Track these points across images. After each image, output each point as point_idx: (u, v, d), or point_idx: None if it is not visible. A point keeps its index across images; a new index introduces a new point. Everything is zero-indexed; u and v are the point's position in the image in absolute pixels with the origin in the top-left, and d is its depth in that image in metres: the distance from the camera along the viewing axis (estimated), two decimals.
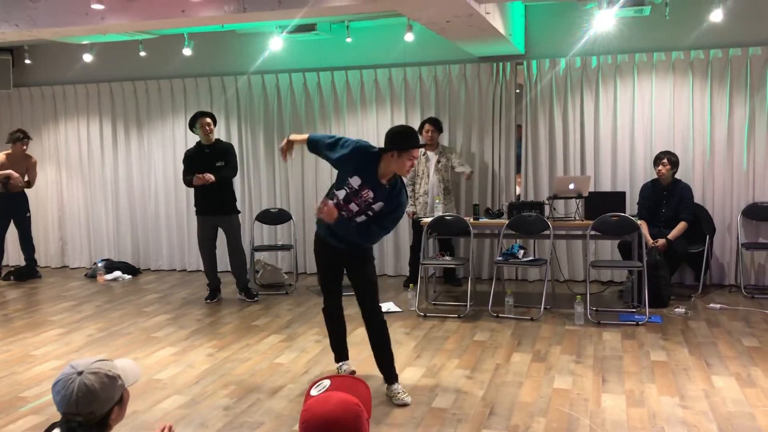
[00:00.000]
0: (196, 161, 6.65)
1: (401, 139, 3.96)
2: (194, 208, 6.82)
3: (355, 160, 4.02)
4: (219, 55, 8.22)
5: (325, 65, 7.89)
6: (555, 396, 4.17)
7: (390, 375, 4.25)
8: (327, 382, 1.77)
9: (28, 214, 8.29)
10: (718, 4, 6.07)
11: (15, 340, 5.72)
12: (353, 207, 4.08)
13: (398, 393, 4.17)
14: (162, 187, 8.52)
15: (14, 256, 8.84)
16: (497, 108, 7.41)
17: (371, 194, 4.03)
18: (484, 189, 7.53)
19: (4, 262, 8.31)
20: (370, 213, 4.09)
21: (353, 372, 4.62)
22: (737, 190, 6.87)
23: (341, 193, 4.08)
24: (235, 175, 6.83)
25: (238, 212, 6.92)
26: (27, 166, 8.12)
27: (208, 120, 6.61)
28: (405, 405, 4.10)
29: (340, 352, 4.61)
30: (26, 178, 8.11)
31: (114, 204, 8.73)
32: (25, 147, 7.99)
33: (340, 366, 4.59)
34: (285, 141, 4.35)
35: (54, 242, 9.03)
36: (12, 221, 8.15)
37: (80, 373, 1.87)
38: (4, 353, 5.38)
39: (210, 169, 6.57)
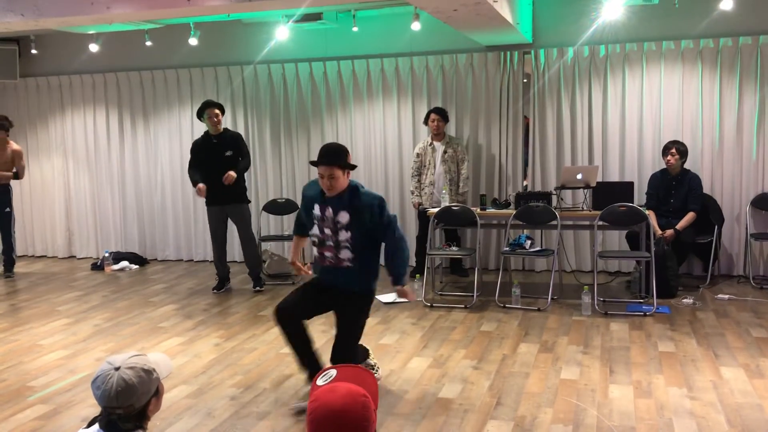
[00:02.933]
0: (204, 152, 6.63)
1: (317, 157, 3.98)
2: (203, 199, 6.79)
3: (308, 195, 4.14)
4: (225, 44, 8.20)
5: (331, 55, 7.86)
6: (562, 387, 4.16)
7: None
8: (333, 372, 1.76)
9: (8, 209, 7.80)
10: None
11: (22, 330, 5.74)
12: (327, 231, 4.01)
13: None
14: (168, 177, 8.52)
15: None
16: (504, 97, 7.37)
17: (330, 210, 3.99)
18: (491, 179, 7.50)
19: None
20: (343, 229, 3.97)
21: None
22: (746, 180, 6.82)
23: (315, 230, 4.06)
24: (249, 164, 6.83)
25: (249, 201, 6.90)
26: (11, 155, 7.73)
27: (216, 110, 6.58)
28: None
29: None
30: (14, 169, 7.75)
31: (121, 194, 8.74)
32: (5, 135, 7.65)
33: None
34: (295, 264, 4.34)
35: (61, 232, 9.05)
36: None
37: (117, 369, 1.95)
38: (11, 343, 5.40)
39: (218, 159, 6.56)
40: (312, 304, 4.13)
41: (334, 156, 3.93)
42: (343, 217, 3.98)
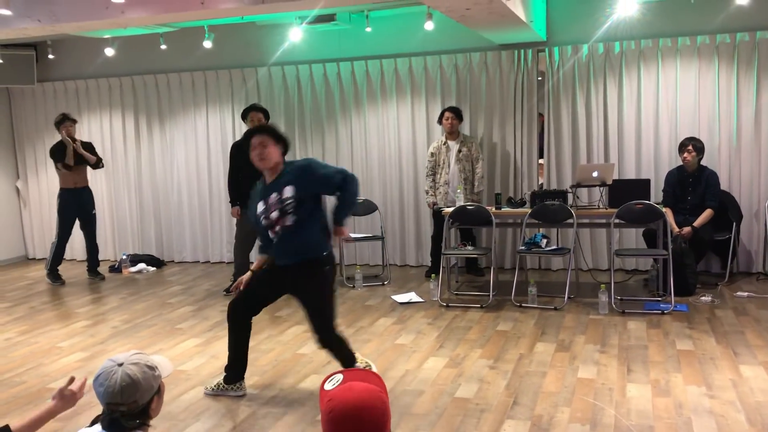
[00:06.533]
0: (243, 153, 6.64)
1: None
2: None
3: (254, 192, 4.14)
4: (239, 47, 8.23)
5: (344, 55, 7.87)
6: (579, 386, 4.14)
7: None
8: (340, 377, 1.74)
9: (94, 211, 7.85)
10: None
11: (42, 332, 5.80)
12: (275, 215, 3.94)
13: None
14: (185, 179, 8.58)
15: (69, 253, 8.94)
16: (519, 96, 7.34)
17: (275, 195, 3.94)
18: (506, 178, 7.48)
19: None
20: (289, 201, 3.90)
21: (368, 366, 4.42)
22: (764, 176, 6.75)
23: (264, 223, 4.02)
24: None
25: None
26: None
27: (260, 115, 6.58)
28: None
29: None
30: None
31: (138, 197, 8.81)
32: (69, 129, 7.45)
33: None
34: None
35: (79, 235, 9.09)
36: (78, 219, 7.72)
37: (121, 365, 1.96)
38: (31, 345, 5.46)
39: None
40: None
41: (266, 127, 4.12)
42: (288, 191, 3.92)
